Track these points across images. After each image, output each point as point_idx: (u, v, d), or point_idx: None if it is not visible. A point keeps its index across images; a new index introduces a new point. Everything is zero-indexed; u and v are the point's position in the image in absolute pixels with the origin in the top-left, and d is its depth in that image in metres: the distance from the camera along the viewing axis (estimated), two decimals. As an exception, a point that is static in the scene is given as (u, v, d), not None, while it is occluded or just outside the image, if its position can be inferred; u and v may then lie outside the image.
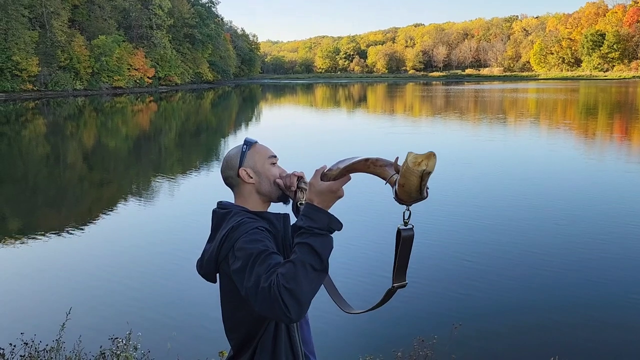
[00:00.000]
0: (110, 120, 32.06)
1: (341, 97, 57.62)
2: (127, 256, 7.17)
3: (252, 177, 1.61)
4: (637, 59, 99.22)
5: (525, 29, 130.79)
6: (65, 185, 13.36)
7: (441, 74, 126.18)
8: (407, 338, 3.68)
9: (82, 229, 8.63)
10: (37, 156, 18.17)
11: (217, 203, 1.63)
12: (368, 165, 1.33)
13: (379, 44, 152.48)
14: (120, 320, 4.73)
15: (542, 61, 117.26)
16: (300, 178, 1.62)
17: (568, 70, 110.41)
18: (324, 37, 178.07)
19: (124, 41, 61.46)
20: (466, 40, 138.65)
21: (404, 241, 1.30)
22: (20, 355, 3.12)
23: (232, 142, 21.22)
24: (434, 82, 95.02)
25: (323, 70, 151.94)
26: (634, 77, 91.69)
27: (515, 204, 9.46)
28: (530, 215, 8.64)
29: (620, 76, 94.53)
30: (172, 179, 13.44)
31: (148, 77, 66.51)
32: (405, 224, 1.29)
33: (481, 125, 24.09)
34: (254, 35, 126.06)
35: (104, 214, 9.81)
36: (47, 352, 3.13)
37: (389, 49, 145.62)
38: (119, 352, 3.05)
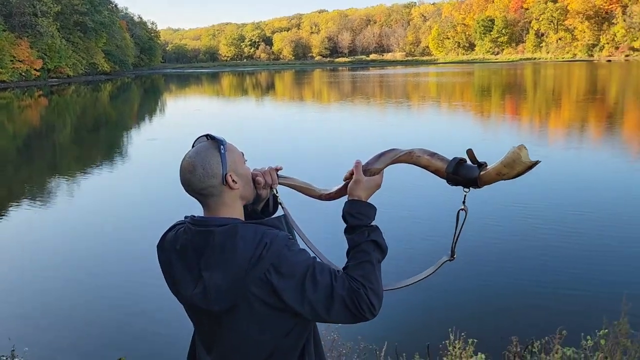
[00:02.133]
0: (-5, 118, 29.13)
1: (249, 85, 56.90)
2: (13, 267, 6.58)
3: (236, 182, 1.38)
4: (522, 43, 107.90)
5: (423, 15, 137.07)
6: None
7: (347, 59, 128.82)
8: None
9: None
10: None
11: (195, 220, 1.36)
12: (412, 157, 1.45)
13: (284, 30, 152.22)
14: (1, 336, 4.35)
15: (440, 46, 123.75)
16: (277, 171, 1.55)
17: (464, 54, 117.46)
18: (227, 24, 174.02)
19: (4, 30, 55.76)
20: (369, 26, 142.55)
21: (464, 219, 1.49)
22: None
23: (136, 136, 20.21)
24: (340, 68, 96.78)
25: (228, 58, 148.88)
26: (520, 59, 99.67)
27: (417, 185, 9.90)
28: (426, 198, 9.06)
29: (509, 59, 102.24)
30: (71, 178, 12.52)
31: (35, 70, 60.99)
32: (463, 202, 1.47)
33: (387, 110, 24.97)
34: (152, 23, 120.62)
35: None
36: None
37: (294, 35, 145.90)
38: None
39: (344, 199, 1.48)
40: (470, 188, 1.39)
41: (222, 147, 1.36)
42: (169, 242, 1.39)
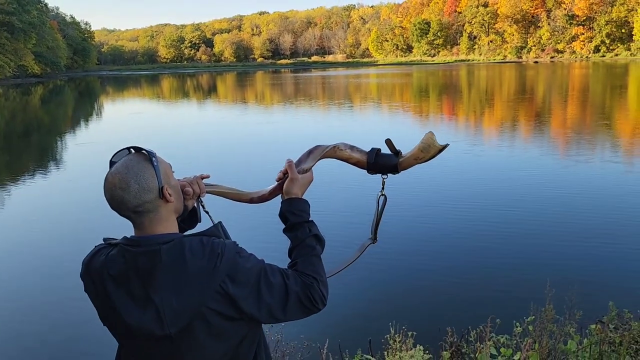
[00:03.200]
0: None
1: (190, 87, 55.71)
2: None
3: (171, 195, 1.30)
4: (457, 45, 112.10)
5: (362, 18, 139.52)
6: None
7: (289, 61, 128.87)
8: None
9: None
10: None
11: (133, 240, 1.25)
12: (336, 151, 1.52)
13: (225, 32, 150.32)
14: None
15: (380, 48, 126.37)
16: (203, 180, 1.53)
17: (402, 55, 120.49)
18: (166, 25, 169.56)
19: None
20: (310, 28, 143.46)
21: (383, 204, 1.58)
22: None
23: (71, 142, 19.35)
24: (282, 70, 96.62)
25: (168, 60, 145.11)
26: (455, 61, 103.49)
27: (359, 180, 10.13)
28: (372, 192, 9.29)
29: (445, 60, 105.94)
30: (1, 187, 11.84)
31: (-43, 72, 57.08)
32: (382, 189, 1.56)
33: (330, 111, 25.25)
34: (86, 23, 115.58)
35: None
36: None
37: (235, 37, 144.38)
38: None
39: (275, 200, 1.53)
40: (389, 174, 1.51)
41: (154, 159, 1.29)
42: (97, 269, 1.26)
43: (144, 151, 1.31)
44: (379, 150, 1.51)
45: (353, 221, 7.51)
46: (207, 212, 1.53)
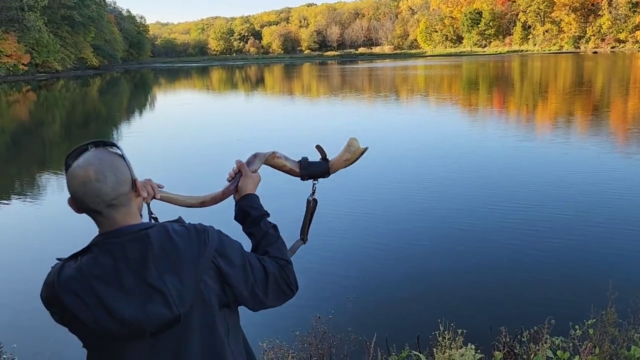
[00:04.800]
0: (-19, 114, 28.74)
1: (238, 79, 56.58)
2: (6, 261, 6.57)
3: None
4: (510, 35, 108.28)
5: (411, 8, 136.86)
6: None
7: (336, 53, 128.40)
8: (305, 317, 3.69)
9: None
10: None
11: (116, 232, 1.19)
12: (273, 157, 1.62)
13: (273, 24, 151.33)
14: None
15: (428, 39, 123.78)
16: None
17: (451, 47, 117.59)
18: (216, 17, 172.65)
19: (-11, 24, 54.99)
20: (357, 19, 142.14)
21: (313, 207, 1.66)
22: None
23: (126, 131, 20.06)
24: (329, 62, 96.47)
25: (218, 53, 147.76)
26: (508, 52, 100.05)
27: (405, 175, 9.99)
28: (418, 187, 9.12)
29: (496, 51, 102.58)
30: (61, 174, 12.45)
31: (23, 64, 60.19)
32: (313, 193, 1.65)
33: (376, 103, 25.01)
34: (141, 17, 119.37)
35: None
36: None
37: (283, 29, 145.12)
38: None
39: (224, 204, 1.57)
40: (319, 179, 1.63)
41: (122, 151, 1.25)
42: (77, 277, 1.16)
43: (112, 144, 1.26)
44: (306, 159, 1.63)
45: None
46: (155, 218, 1.48)
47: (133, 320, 1.14)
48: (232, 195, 1.55)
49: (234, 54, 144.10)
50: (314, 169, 1.62)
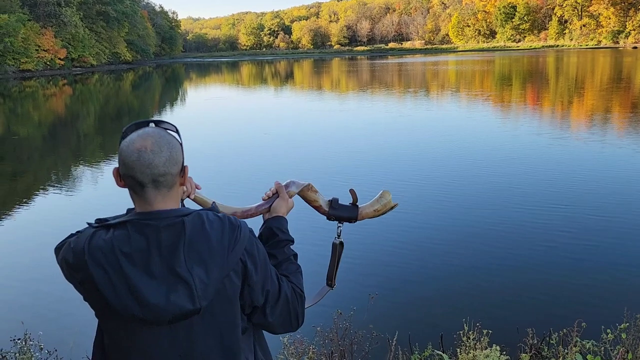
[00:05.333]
0: (20, 106, 29.72)
1: (268, 74, 56.88)
2: (42, 251, 6.77)
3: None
4: (545, 30, 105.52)
5: (443, 2, 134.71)
6: (-27, 179, 12.30)
7: (365, 48, 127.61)
8: (326, 312, 3.67)
9: (-3, 225, 8.04)
10: (-62, 149, 16.54)
11: (152, 214, 1.18)
12: (309, 189, 1.62)
13: (303, 19, 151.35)
14: (25, 320, 4.44)
15: (460, 34, 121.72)
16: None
17: (484, 41, 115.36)
18: (247, 13, 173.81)
19: (29, 20, 56.69)
20: (388, 14, 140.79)
21: (340, 250, 1.65)
22: None
23: (143, 119, 20.36)
24: (359, 57, 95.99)
25: (248, 47, 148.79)
26: (543, 47, 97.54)
27: (435, 174, 9.86)
28: (446, 186, 8.98)
29: (531, 46, 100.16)
30: (95, 165, 12.77)
31: (59, 59, 62.03)
32: (339, 235, 1.64)
33: (405, 99, 24.75)
34: (173, 13, 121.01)
35: (19, 206, 9.17)
36: None
37: (313, 24, 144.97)
38: (21, 354, 2.86)
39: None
40: (344, 223, 1.63)
41: (179, 136, 1.26)
42: (105, 250, 1.14)
43: (172, 126, 1.26)
44: (337, 200, 1.63)
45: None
46: None
47: (155, 305, 1.12)
48: (263, 215, 1.57)
49: (264, 49, 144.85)
50: (342, 212, 1.62)
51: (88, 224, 1.22)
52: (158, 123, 1.25)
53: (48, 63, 60.29)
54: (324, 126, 16.88)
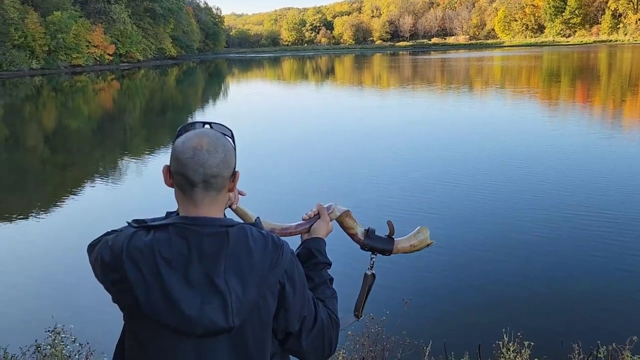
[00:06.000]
0: (71, 100, 30.94)
1: (309, 69, 57.02)
2: (79, 242, 6.98)
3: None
4: (597, 24, 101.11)
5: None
6: (26, 170, 12.88)
7: (408, 43, 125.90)
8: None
9: (46, 214, 8.38)
10: (-5, 140, 17.43)
11: (197, 220, 1.13)
12: (347, 215, 1.59)
13: (345, 14, 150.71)
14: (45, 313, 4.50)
15: (507, 28, 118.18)
16: None
17: (532, 36, 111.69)
18: (289, 8, 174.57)
19: (80, 17, 58.92)
20: (432, 8, 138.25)
21: (371, 282, 1.62)
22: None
23: (200, 118, 20.75)
24: (400, 52, 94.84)
25: (289, 43, 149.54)
26: (594, 42, 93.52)
27: (477, 176, 9.58)
28: (483, 191, 8.60)
29: (581, 41, 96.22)
30: (140, 158, 13.14)
31: (108, 54, 64.16)
32: (371, 267, 1.61)
33: (447, 95, 24.26)
34: (217, 9, 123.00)
35: (69, 197, 9.53)
36: None
37: (355, 19, 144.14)
38: (53, 347, 2.92)
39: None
40: (378, 254, 1.60)
41: (233, 140, 1.25)
42: (144, 251, 1.10)
43: (226, 130, 1.26)
44: (374, 230, 1.60)
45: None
46: None
47: (188, 316, 1.08)
48: (301, 235, 1.55)
49: (305, 45, 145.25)
50: (377, 243, 1.59)
51: (128, 223, 1.19)
52: (214, 125, 1.25)
53: (97, 58, 62.47)
54: (363, 124, 16.75)
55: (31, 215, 8.30)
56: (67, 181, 11.43)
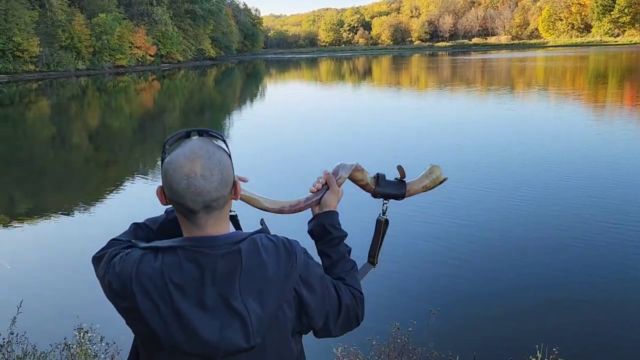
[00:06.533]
0: (114, 100, 31.93)
1: (346, 70, 56.94)
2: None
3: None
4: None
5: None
6: (71, 167, 13.36)
7: (447, 44, 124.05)
8: (383, 326, 3.51)
9: (86, 211, 8.64)
10: (42, 138, 18.16)
11: (206, 240, 1.08)
12: (356, 169, 1.51)
13: (384, 14, 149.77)
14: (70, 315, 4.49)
15: (551, 28, 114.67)
16: None
17: (578, 36, 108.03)
18: (327, 9, 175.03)
19: (124, 19, 60.79)
20: (473, 8, 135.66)
21: (385, 228, 1.54)
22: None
23: (237, 120, 21.10)
24: (440, 53, 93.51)
25: (327, 44, 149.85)
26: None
27: (506, 184, 9.19)
28: (518, 198, 8.26)
29: (631, 41, 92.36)
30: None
31: (150, 55, 65.95)
32: (384, 212, 1.53)
33: (488, 97, 23.72)
34: (256, 10, 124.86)
35: (109, 194, 9.82)
36: (2, 346, 2.98)
37: (393, 19, 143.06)
38: (79, 346, 2.95)
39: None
40: (390, 200, 1.53)
41: (227, 145, 1.13)
42: (154, 278, 1.04)
43: (217, 136, 1.15)
44: (384, 176, 1.54)
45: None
46: (234, 216, 1.32)
47: (207, 341, 1.03)
48: (312, 208, 1.46)
49: (343, 45, 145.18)
50: (390, 189, 1.52)
51: (132, 242, 1.16)
52: (201, 133, 1.14)
53: (140, 59, 64.29)
54: (399, 124, 16.56)
55: (72, 212, 8.60)
56: (108, 179, 11.78)
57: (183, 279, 1.04)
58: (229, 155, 1.13)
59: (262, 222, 1.26)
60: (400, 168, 1.51)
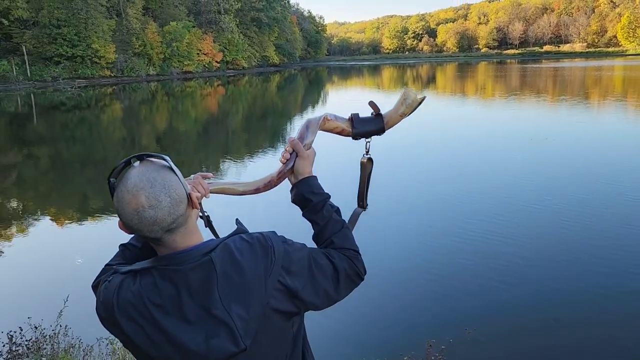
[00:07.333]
0: (181, 104, 33.12)
1: (409, 78, 56.19)
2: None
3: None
4: None
5: (612, 1, 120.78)
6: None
7: (516, 51, 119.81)
8: (417, 342, 3.38)
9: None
10: (115, 139, 19.05)
11: (176, 257, 1.08)
12: (325, 122, 1.44)
13: (450, 21, 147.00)
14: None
15: (631, 35, 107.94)
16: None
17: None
18: (392, 16, 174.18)
19: (193, 27, 63.27)
20: (545, 15, 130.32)
21: (370, 168, 1.49)
22: (27, 340, 3.12)
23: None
24: (508, 61, 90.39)
25: (390, 51, 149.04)
26: None
27: (549, 199, 8.46)
28: (565, 213, 7.59)
29: None
30: (239, 160, 13.60)
31: (216, 62, 68.23)
32: (367, 152, 1.48)
33: (556, 107, 22.47)
34: (320, 17, 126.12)
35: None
36: (51, 337, 3.12)
37: (460, 26, 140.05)
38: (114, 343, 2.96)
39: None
40: (372, 137, 1.45)
41: (171, 163, 1.11)
42: (135, 303, 1.06)
43: (156, 157, 1.12)
44: (358, 115, 1.45)
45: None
46: (206, 217, 1.33)
47: (196, 352, 1.04)
48: (288, 178, 1.41)
49: (407, 52, 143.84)
50: (368, 127, 1.44)
51: (107, 265, 1.25)
52: (141, 157, 1.12)
53: (206, 65, 66.64)
54: (465, 136, 15.97)
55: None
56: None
57: (162, 298, 1.06)
58: (174, 171, 1.10)
59: (237, 221, 1.25)
60: (372, 103, 1.44)
